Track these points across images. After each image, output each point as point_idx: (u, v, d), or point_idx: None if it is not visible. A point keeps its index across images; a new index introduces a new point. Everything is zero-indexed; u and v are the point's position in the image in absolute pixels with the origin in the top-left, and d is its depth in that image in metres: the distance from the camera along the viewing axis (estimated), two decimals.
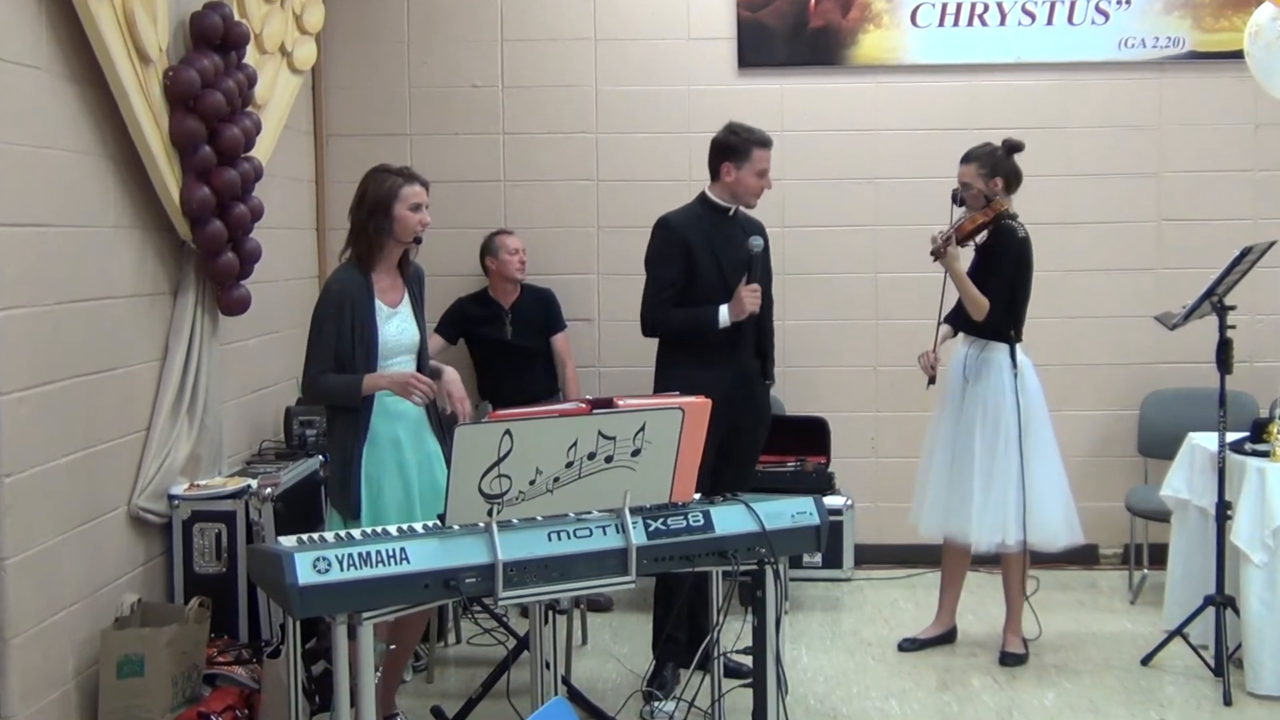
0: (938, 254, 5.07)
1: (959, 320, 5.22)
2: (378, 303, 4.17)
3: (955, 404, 5.20)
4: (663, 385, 4.75)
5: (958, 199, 5.13)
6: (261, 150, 5.24)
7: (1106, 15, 6.42)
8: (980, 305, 5.06)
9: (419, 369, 4.29)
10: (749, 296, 4.75)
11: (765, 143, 4.85)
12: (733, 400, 4.72)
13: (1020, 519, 5.02)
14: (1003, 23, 6.45)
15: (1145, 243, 6.52)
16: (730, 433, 4.76)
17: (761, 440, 5.08)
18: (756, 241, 4.80)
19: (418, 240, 4.23)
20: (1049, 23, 6.44)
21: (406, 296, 4.29)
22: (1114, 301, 6.52)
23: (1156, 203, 6.52)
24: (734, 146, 4.84)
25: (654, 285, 4.86)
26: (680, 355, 4.88)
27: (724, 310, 4.77)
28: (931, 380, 5.29)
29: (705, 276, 4.81)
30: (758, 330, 4.97)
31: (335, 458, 4.18)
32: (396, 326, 4.20)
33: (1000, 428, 5.06)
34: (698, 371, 4.75)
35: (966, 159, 5.14)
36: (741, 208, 4.93)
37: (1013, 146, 5.13)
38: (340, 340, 4.10)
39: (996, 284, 5.07)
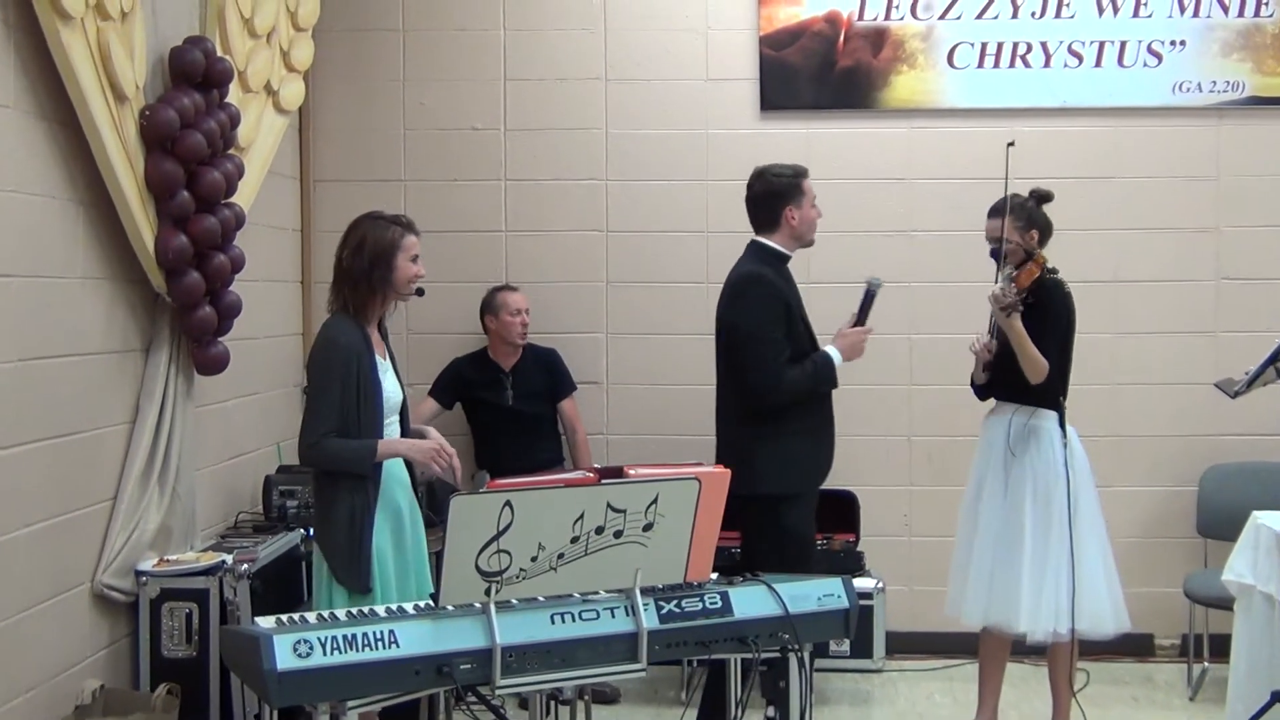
0: (1010, 309, 4.98)
1: (1000, 387, 5.20)
2: (376, 357, 4.19)
3: (998, 478, 5.16)
4: (771, 463, 4.76)
5: (999, 256, 5.12)
6: (244, 196, 5.27)
7: (1160, 57, 6.45)
8: (1041, 367, 5.02)
9: (403, 430, 4.31)
10: (862, 336, 4.94)
11: (806, 172, 5.04)
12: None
13: (1070, 605, 4.98)
14: (1047, 64, 6.49)
15: (1203, 303, 6.51)
16: None
17: None
18: (876, 279, 4.97)
19: (420, 292, 4.27)
20: (1097, 64, 6.47)
21: (389, 352, 4.33)
22: (1169, 367, 6.50)
23: (1215, 259, 6.51)
24: (786, 188, 4.96)
25: (770, 349, 4.79)
26: (795, 424, 4.86)
27: (834, 350, 4.88)
28: (986, 368, 5.17)
29: (798, 332, 4.87)
30: None
31: (339, 528, 4.13)
32: (390, 383, 4.24)
33: (1052, 505, 5.02)
34: (811, 438, 4.87)
35: (998, 213, 5.13)
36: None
37: (1042, 196, 5.15)
38: (344, 398, 4.10)
39: (1049, 343, 5.04)
